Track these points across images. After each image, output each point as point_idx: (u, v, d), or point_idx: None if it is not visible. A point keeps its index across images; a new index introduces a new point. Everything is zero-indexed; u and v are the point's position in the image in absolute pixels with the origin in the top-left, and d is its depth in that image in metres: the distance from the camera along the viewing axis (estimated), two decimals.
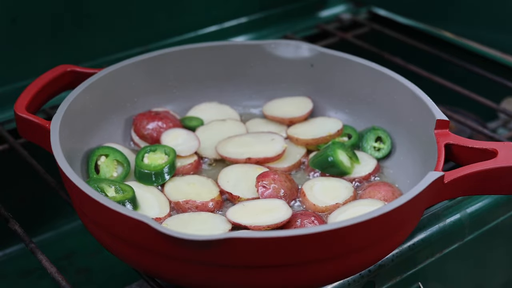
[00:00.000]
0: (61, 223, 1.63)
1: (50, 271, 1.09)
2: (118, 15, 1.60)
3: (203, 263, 0.95)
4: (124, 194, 1.13)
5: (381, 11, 1.97)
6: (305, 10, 1.91)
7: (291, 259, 0.95)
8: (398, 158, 1.27)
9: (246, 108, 1.42)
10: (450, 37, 1.82)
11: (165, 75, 1.37)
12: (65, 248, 1.59)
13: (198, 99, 1.40)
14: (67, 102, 1.18)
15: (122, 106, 1.33)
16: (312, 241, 0.93)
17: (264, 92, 1.41)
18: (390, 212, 0.96)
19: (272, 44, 1.39)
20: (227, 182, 1.20)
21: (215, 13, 1.76)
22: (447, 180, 1.03)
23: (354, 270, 1.05)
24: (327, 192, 1.18)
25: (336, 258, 0.97)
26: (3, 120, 1.47)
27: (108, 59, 1.56)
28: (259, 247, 0.92)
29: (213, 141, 1.30)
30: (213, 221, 1.11)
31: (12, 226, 1.18)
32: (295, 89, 1.40)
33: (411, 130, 1.24)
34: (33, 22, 1.48)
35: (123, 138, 1.32)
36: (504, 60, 1.73)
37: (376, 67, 1.30)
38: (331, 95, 1.37)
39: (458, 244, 1.23)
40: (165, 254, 0.96)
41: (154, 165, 1.21)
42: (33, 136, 1.17)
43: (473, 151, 1.10)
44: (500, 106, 1.61)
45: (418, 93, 1.21)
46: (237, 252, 0.93)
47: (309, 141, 1.29)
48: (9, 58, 1.49)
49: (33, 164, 1.32)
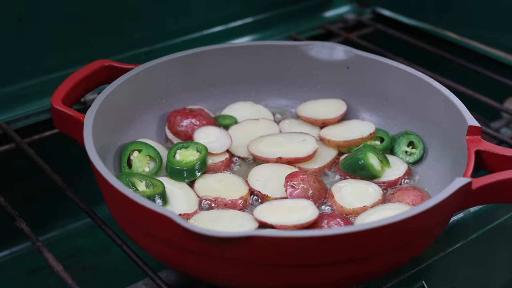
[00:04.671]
0: (67, 222, 1.64)
1: (56, 269, 1.10)
2: (124, 15, 1.61)
3: (227, 260, 0.96)
4: (154, 189, 1.15)
5: (385, 12, 1.96)
6: (310, 10, 1.91)
7: (314, 260, 0.96)
8: (429, 163, 1.26)
9: (280, 108, 1.42)
10: (454, 37, 1.81)
11: (202, 73, 1.38)
12: (72, 247, 1.60)
13: (233, 98, 1.41)
14: (103, 96, 1.20)
15: (157, 102, 1.34)
16: (336, 242, 0.94)
17: (299, 93, 1.42)
18: (415, 217, 0.96)
19: (309, 45, 1.39)
20: (257, 180, 1.21)
21: (220, 14, 1.76)
22: (475, 187, 1.02)
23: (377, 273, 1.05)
24: (355, 195, 1.18)
25: (358, 260, 0.97)
26: (10, 119, 1.49)
27: (114, 58, 1.56)
28: (282, 246, 0.93)
29: (246, 139, 1.31)
30: (240, 219, 1.11)
31: (19, 224, 1.19)
32: (330, 90, 1.40)
33: (443, 136, 1.23)
34: (39, 21, 1.49)
35: (157, 134, 1.33)
36: (508, 60, 1.73)
37: (411, 71, 1.30)
38: (365, 98, 1.37)
39: (461, 243, 1.23)
40: (190, 250, 0.97)
41: (186, 161, 1.23)
42: (67, 129, 1.19)
43: (503, 159, 1.10)
44: (503, 106, 1.60)
45: (451, 99, 1.21)
46: (260, 251, 0.93)
47: (340, 143, 1.29)
48: (15, 57, 1.50)
49: (40, 163, 1.33)
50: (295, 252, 0.94)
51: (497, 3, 1.68)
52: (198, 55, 1.36)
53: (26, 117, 1.50)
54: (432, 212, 0.97)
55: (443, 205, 0.98)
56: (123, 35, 1.63)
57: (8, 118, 1.49)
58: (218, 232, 0.92)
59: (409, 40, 1.81)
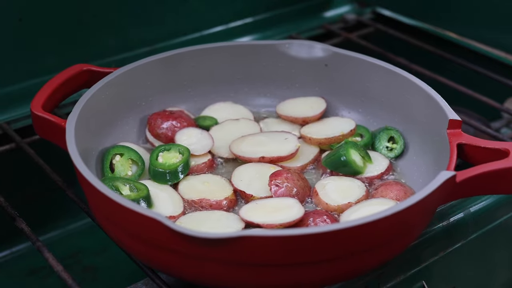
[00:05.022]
0: (67, 222, 1.64)
1: (56, 269, 1.09)
2: (125, 15, 1.61)
3: (215, 261, 0.96)
4: (139, 193, 1.15)
5: (386, 12, 1.97)
6: (310, 10, 1.92)
7: (303, 258, 0.96)
8: (410, 158, 1.27)
9: (260, 107, 1.43)
10: (454, 37, 1.83)
11: (180, 74, 1.38)
12: (72, 247, 1.60)
13: (213, 99, 1.41)
14: (83, 101, 1.19)
15: (137, 105, 1.34)
16: (324, 239, 0.94)
17: (278, 92, 1.42)
18: (402, 211, 0.96)
19: (286, 44, 1.39)
20: (241, 181, 1.21)
21: (220, 14, 1.77)
22: (459, 180, 1.03)
23: (366, 268, 1.05)
24: (339, 191, 1.19)
25: (346, 257, 0.98)
26: (10, 120, 1.48)
27: (115, 59, 1.57)
28: (271, 245, 0.93)
29: (227, 140, 1.31)
30: (226, 220, 1.11)
31: (19, 224, 1.19)
32: (309, 89, 1.41)
33: (424, 130, 1.24)
34: (40, 21, 1.49)
35: (138, 137, 1.33)
36: (508, 60, 1.74)
37: (389, 67, 1.31)
38: (344, 95, 1.38)
39: (461, 242, 1.23)
40: (178, 252, 0.97)
41: (169, 164, 1.22)
42: (49, 135, 1.18)
43: (485, 151, 1.11)
44: (503, 106, 1.62)
45: (431, 93, 1.22)
46: (249, 250, 0.93)
47: (322, 141, 1.30)
48: (16, 58, 1.50)
49: (40, 163, 1.33)
50: (285, 250, 0.94)
51: (497, 3, 1.69)
52: (176, 57, 1.36)
53: (26, 117, 1.50)
54: (418, 206, 0.98)
55: (429, 198, 0.99)
56: (124, 35, 1.63)
57: (8, 118, 1.49)
58: (206, 233, 0.92)
59: (409, 40, 1.81)
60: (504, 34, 1.72)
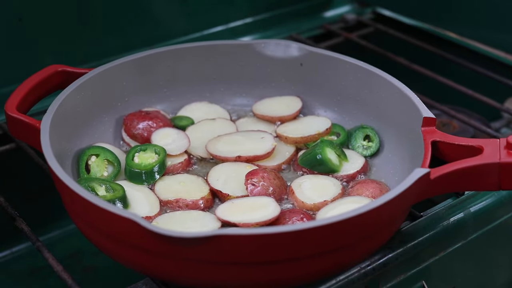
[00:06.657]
0: (67, 222, 1.61)
1: (56, 269, 1.09)
2: (125, 15, 1.61)
3: (192, 260, 0.96)
4: (115, 193, 1.14)
5: (386, 12, 1.98)
6: (310, 10, 1.92)
7: (278, 256, 0.96)
8: (386, 156, 1.28)
9: (236, 107, 1.43)
10: (454, 37, 1.83)
11: (156, 74, 1.38)
12: (72, 247, 1.59)
13: (189, 99, 1.41)
14: (58, 102, 1.19)
15: (113, 105, 1.33)
16: (300, 237, 0.94)
17: (254, 91, 1.42)
18: (377, 208, 0.97)
19: (262, 43, 1.40)
20: (217, 180, 1.21)
21: (220, 14, 1.77)
22: (433, 177, 1.04)
23: (343, 266, 1.06)
24: (315, 190, 1.19)
25: (323, 254, 0.98)
26: None
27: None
28: (246, 243, 0.93)
29: (203, 140, 1.31)
30: (203, 219, 1.11)
31: (19, 224, 1.19)
32: (285, 88, 1.41)
33: (399, 128, 1.25)
34: (40, 21, 1.49)
35: (114, 138, 1.33)
36: (508, 60, 1.74)
37: (363, 66, 1.31)
38: (320, 94, 1.39)
39: (461, 243, 1.23)
40: (154, 252, 0.97)
41: (145, 164, 1.22)
42: (24, 136, 1.18)
43: (459, 148, 1.11)
44: (503, 106, 1.62)
45: (405, 91, 1.23)
46: (226, 249, 0.94)
47: (298, 140, 1.30)
48: (16, 57, 1.50)
49: (40, 163, 1.32)
50: (260, 249, 0.94)
51: (497, 3, 1.69)
52: (151, 57, 1.36)
53: None
54: (393, 203, 0.98)
55: (403, 196, 1.00)
56: (124, 35, 1.63)
57: None
58: (182, 233, 0.92)
59: (409, 40, 1.81)
60: (504, 34, 1.72)
